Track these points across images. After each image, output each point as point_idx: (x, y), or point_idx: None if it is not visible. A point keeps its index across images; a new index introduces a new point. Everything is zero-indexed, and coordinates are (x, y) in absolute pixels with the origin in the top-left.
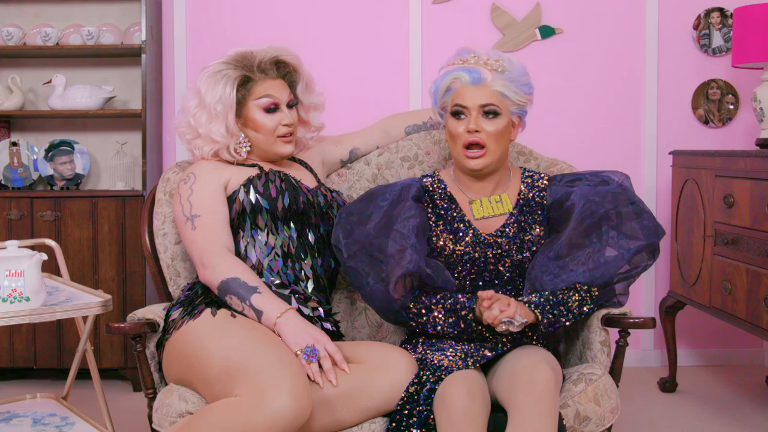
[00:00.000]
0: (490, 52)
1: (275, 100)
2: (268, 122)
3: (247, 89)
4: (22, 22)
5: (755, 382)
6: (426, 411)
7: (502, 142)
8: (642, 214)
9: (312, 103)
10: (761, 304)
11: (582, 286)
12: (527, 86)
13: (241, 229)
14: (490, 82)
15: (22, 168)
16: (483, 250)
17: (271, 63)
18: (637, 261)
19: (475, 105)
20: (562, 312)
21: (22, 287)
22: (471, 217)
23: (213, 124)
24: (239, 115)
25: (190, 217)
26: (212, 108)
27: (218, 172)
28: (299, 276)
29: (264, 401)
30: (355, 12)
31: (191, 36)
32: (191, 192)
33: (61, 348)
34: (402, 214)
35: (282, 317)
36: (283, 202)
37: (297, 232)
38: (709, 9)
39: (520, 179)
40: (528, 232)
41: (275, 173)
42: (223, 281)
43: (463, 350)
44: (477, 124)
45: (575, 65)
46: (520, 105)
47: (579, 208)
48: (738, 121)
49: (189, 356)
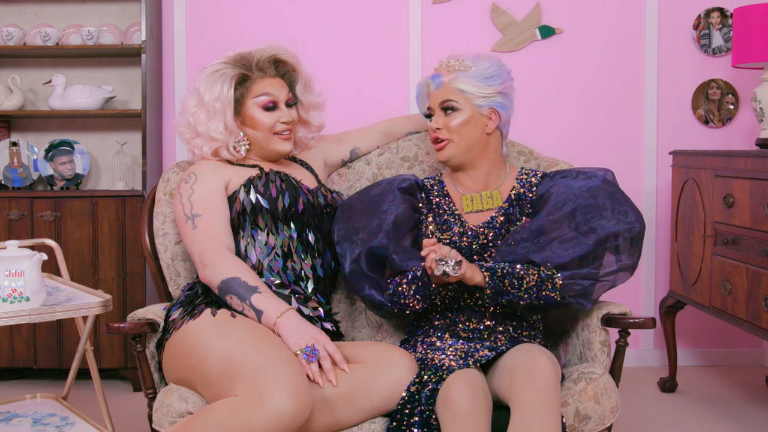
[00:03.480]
0: (459, 55)
1: (273, 98)
2: (267, 120)
3: (245, 87)
4: (22, 22)
5: (755, 382)
6: (428, 411)
7: (465, 134)
8: (620, 207)
9: (311, 103)
10: (761, 304)
11: (546, 270)
12: (492, 78)
13: (241, 229)
14: (449, 82)
15: (22, 168)
16: (469, 240)
17: (270, 61)
18: (616, 256)
19: (436, 104)
20: (513, 284)
21: (22, 287)
22: (461, 211)
23: (212, 122)
24: (238, 114)
25: (191, 216)
26: (210, 106)
27: (219, 172)
28: (299, 276)
29: (263, 401)
30: (355, 12)
31: (191, 36)
32: (192, 191)
33: (61, 348)
34: (387, 201)
35: (282, 317)
36: (284, 202)
37: (297, 232)
38: (709, 9)
39: (516, 177)
40: (514, 223)
41: (276, 173)
42: (223, 281)
43: (463, 350)
44: (438, 122)
45: (575, 65)
46: (486, 96)
47: (554, 197)
48: (738, 121)
49: (189, 356)
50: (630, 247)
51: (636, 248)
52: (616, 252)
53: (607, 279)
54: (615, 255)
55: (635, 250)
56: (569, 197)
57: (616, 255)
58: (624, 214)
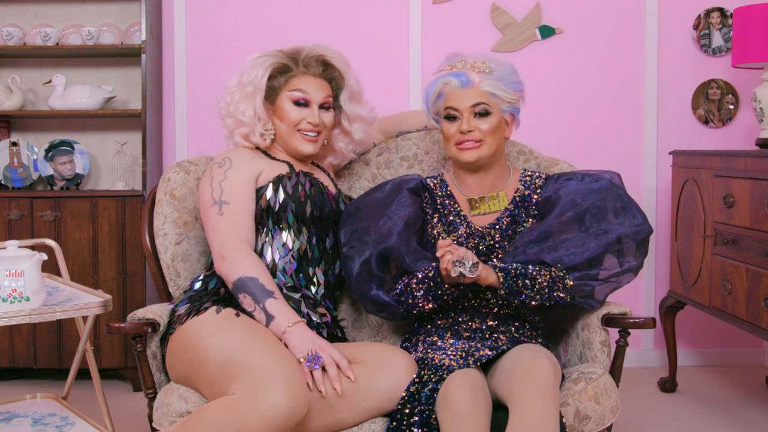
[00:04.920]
0: (476, 55)
1: (306, 96)
2: (294, 114)
3: (284, 78)
4: (22, 22)
5: (755, 382)
6: (428, 411)
7: (495, 138)
8: (628, 210)
9: (355, 114)
10: (761, 304)
11: (557, 271)
12: (516, 84)
13: (262, 226)
14: (479, 83)
15: (22, 168)
16: (476, 241)
17: (317, 61)
18: (623, 257)
19: (466, 106)
20: (527, 285)
21: (22, 287)
22: (467, 213)
23: (241, 104)
24: (272, 103)
25: (219, 201)
26: (244, 88)
27: (253, 163)
28: (311, 281)
29: (257, 399)
30: (355, 12)
31: (191, 36)
32: (225, 177)
33: (61, 348)
34: (396, 202)
35: (292, 327)
36: (311, 206)
37: (317, 238)
38: (709, 9)
39: (519, 178)
40: (521, 224)
41: (306, 175)
42: (240, 278)
43: (464, 349)
44: (469, 125)
45: (575, 65)
46: (511, 102)
47: (563, 200)
48: (738, 121)
49: (190, 352)
50: (636, 250)
51: (642, 251)
52: (623, 254)
53: (613, 280)
54: (620, 257)
55: (641, 253)
56: (577, 200)
57: (621, 257)
58: (632, 217)
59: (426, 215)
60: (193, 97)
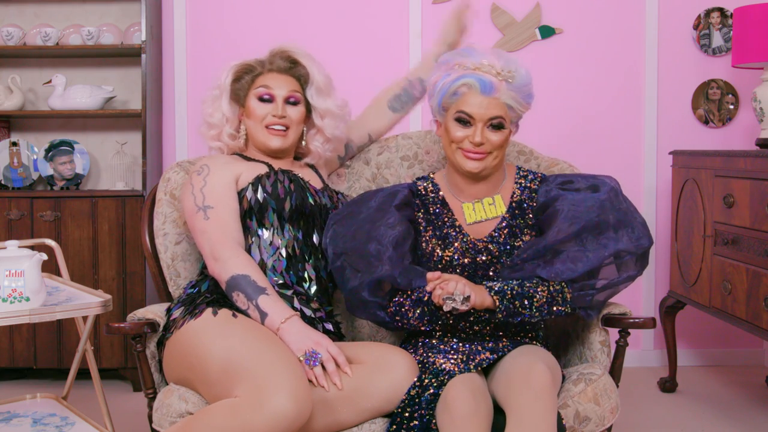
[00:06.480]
0: (496, 57)
1: (270, 92)
2: (259, 110)
3: (251, 78)
4: (22, 22)
5: (755, 382)
6: (428, 415)
7: (503, 150)
8: (627, 223)
9: (324, 109)
10: (761, 304)
11: (555, 285)
12: (530, 96)
13: (247, 227)
14: (500, 94)
15: (22, 168)
16: (473, 256)
17: (281, 57)
18: (622, 269)
19: (484, 118)
20: (524, 305)
21: (22, 287)
22: (462, 222)
23: (209, 107)
24: (242, 105)
25: (203, 207)
26: (212, 92)
27: (231, 166)
28: (302, 277)
29: (262, 402)
30: (355, 12)
31: (191, 36)
32: (204, 183)
33: (61, 348)
34: (384, 224)
35: (286, 322)
36: (291, 202)
37: (303, 234)
38: (709, 9)
39: (514, 179)
40: (519, 237)
41: (284, 173)
42: (233, 276)
43: (465, 353)
44: (482, 136)
45: (575, 65)
46: (521, 114)
47: (561, 216)
48: (738, 121)
49: (189, 356)
50: (636, 263)
51: (642, 263)
52: (623, 267)
53: (611, 288)
54: (619, 269)
55: (641, 265)
56: (576, 216)
57: (620, 269)
58: (632, 231)
59: (419, 226)
60: (193, 97)
